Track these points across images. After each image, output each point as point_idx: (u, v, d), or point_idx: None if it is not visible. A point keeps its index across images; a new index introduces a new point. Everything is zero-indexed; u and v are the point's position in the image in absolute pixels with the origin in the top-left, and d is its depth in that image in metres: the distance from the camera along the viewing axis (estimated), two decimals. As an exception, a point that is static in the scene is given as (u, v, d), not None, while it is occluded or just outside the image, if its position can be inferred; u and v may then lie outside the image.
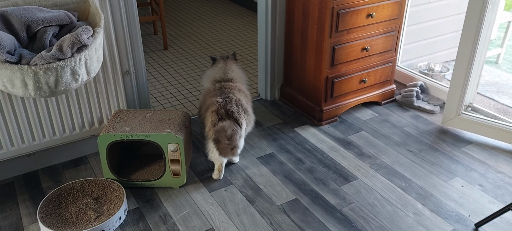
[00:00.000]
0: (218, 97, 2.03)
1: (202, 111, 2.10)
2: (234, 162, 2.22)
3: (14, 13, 1.67)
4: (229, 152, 1.93)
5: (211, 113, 1.97)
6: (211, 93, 2.10)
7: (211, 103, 2.01)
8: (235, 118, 1.95)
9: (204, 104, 2.09)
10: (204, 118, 2.06)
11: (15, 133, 2.02)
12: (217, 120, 1.94)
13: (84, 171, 2.19)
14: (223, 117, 1.94)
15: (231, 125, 1.91)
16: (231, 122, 1.93)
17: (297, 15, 2.48)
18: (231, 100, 2.00)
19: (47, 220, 1.79)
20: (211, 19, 4.49)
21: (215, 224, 1.85)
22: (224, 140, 1.89)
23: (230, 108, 1.96)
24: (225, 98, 2.01)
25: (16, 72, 1.55)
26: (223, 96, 2.03)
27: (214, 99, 2.02)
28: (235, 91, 2.10)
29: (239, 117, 1.96)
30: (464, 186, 2.06)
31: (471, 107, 2.54)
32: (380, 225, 1.83)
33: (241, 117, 1.98)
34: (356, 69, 2.51)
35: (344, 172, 2.16)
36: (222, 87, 2.11)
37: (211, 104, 2.01)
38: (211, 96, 2.07)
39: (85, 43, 1.61)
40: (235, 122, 1.94)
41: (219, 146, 1.91)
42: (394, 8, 2.45)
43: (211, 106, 2.00)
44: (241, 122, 1.96)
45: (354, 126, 2.55)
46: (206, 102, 2.07)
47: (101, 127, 2.23)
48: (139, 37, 2.18)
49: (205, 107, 2.07)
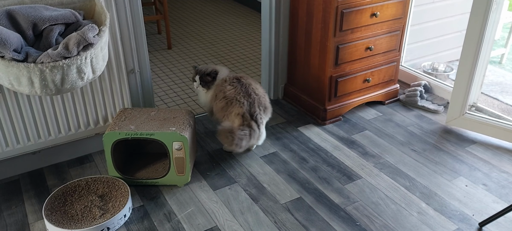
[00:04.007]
0: (240, 95, 2.15)
1: (219, 102, 2.18)
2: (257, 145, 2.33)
3: (21, 11, 1.69)
4: (233, 146, 2.09)
5: (237, 115, 2.14)
6: (229, 85, 2.19)
7: (236, 102, 2.14)
8: (258, 124, 2.16)
9: (224, 96, 2.17)
10: (225, 111, 2.16)
11: (21, 131, 2.04)
12: (242, 123, 2.12)
13: (89, 169, 2.20)
14: (248, 121, 2.13)
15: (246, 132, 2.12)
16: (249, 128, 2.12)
17: (301, 15, 2.49)
18: (254, 101, 2.17)
19: (53, 218, 1.80)
20: (215, 19, 4.50)
21: (219, 222, 1.86)
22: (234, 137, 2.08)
23: (255, 113, 2.16)
24: (248, 100, 2.16)
25: (22, 70, 1.56)
26: (245, 95, 2.16)
27: (237, 97, 2.15)
28: (252, 82, 2.24)
29: (261, 122, 2.19)
30: (468, 185, 2.06)
31: (475, 107, 2.54)
32: (384, 224, 1.84)
33: (263, 120, 2.21)
34: (360, 69, 2.51)
35: (348, 171, 2.16)
36: (240, 79, 2.22)
37: (236, 103, 2.14)
38: (231, 89, 2.17)
39: (91, 41, 1.62)
40: (256, 125, 2.15)
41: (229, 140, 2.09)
42: (398, 7, 2.45)
43: (236, 106, 2.13)
44: (262, 124, 2.20)
45: (358, 125, 2.55)
46: (226, 94, 2.17)
47: (106, 125, 2.24)
48: (144, 36, 2.19)
49: (225, 100, 2.16)
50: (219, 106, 2.20)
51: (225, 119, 2.18)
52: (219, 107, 2.20)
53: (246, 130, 2.10)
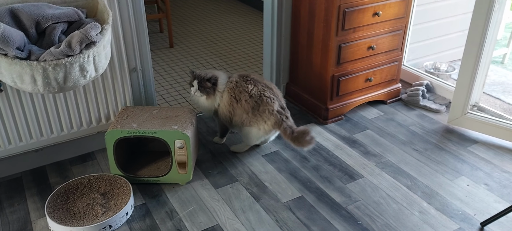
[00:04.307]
0: (266, 91, 2.14)
1: (245, 103, 2.12)
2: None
3: (24, 9, 1.69)
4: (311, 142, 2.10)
5: (271, 113, 2.13)
6: (248, 84, 2.13)
7: (265, 99, 2.12)
8: (288, 115, 2.19)
9: (250, 96, 2.12)
10: (255, 111, 2.12)
11: (24, 128, 2.05)
12: (279, 119, 2.13)
13: (91, 167, 2.20)
14: (284, 114, 2.15)
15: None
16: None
17: (303, 14, 2.49)
18: (276, 95, 2.18)
19: (55, 215, 1.81)
20: (217, 18, 4.51)
21: (221, 221, 1.86)
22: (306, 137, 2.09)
23: (283, 105, 2.19)
24: (273, 94, 2.16)
25: (25, 68, 1.57)
26: (268, 90, 2.16)
27: (265, 94, 2.13)
28: (257, 76, 2.21)
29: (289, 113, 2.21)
30: (470, 185, 2.06)
31: (477, 106, 2.53)
32: (386, 223, 1.84)
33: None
34: (362, 68, 2.51)
35: (350, 170, 2.16)
36: (249, 76, 2.18)
37: (266, 101, 2.12)
38: (254, 87, 2.12)
39: (94, 39, 1.63)
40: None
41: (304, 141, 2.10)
42: (400, 6, 2.45)
43: (268, 104, 2.12)
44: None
45: (360, 125, 2.55)
46: (251, 94, 2.12)
47: (108, 123, 2.25)
48: (146, 34, 2.20)
49: (253, 100, 2.12)
50: (246, 108, 2.12)
51: (255, 119, 2.13)
52: (247, 109, 2.12)
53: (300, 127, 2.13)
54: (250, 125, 2.15)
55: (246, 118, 2.14)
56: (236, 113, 2.16)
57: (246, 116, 2.13)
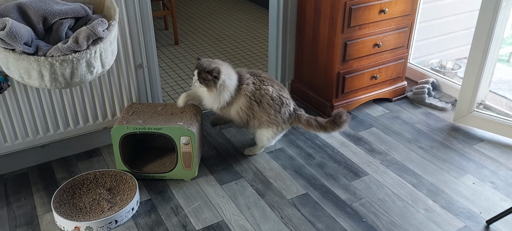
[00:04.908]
0: (282, 92, 2.15)
1: (268, 107, 2.09)
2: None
3: (31, 5, 1.70)
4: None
5: (292, 122, 2.18)
6: (268, 86, 2.10)
7: (285, 100, 2.14)
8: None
9: (271, 98, 2.09)
10: (277, 113, 2.11)
11: (30, 124, 2.06)
12: (298, 118, 2.18)
13: (97, 162, 2.21)
14: (300, 119, 2.18)
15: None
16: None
17: (309, 11, 2.48)
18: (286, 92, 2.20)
19: (61, 210, 1.82)
20: (222, 15, 4.51)
21: (226, 217, 1.87)
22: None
23: (300, 110, 2.22)
24: (286, 94, 2.18)
25: (33, 63, 1.58)
26: (282, 90, 2.16)
27: (284, 95, 2.14)
28: (263, 74, 2.18)
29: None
30: (476, 183, 2.05)
31: (483, 105, 2.52)
32: (391, 220, 1.84)
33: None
34: (367, 65, 2.51)
35: (355, 168, 2.16)
36: (261, 75, 2.15)
37: (286, 102, 2.14)
38: (272, 88, 2.10)
39: (101, 35, 1.64)
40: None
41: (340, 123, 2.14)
42: (406, 4, 2.44)
43: (288, 106, 2.15)
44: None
45: (365, 122, 2.55)
46: (272, 96, 2.10)
47: (114, 119, 2.26)
48: (152, 31, 2.20)
49: (275, 103, 2.10)
50: (268, 111, 2.08)
51: (276, 121, 2.11)
52: (269, 111, 2.08)
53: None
54: (269, 127, 2.13)
55: (267, 120, 2.10)
56: (256, 116, 2.10)
57: (267, 118, 2.10)
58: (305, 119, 2.17)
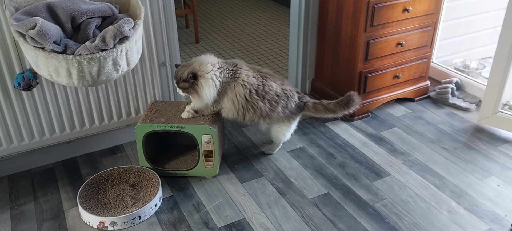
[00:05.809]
0: (284, 85, 2.12)
1: (274, 102, 2.06)
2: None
3: (60, 4, 1.74)
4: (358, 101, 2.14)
5: (301, 111, 2.17)
6: (272, 82, 2.07)
7: (289, 93, 2.11)
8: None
9: (276, 94, 2.06)
10: (285, 108, 2.10)
11: (58, 120, 2.11)
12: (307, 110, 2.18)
13: (121, 159, 2.26)
14: (304, 99, 2.18)
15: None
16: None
17: (331, 10, 2.47)
18: (299, 92, 2.19)
19: (87, 205, 1.86)
20: (242, 13, 4.52)
21: (247, 215, 1.88)
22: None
23: (304, 96, 2.20)
24: (299, 95, 2.17)
25: (61, 61, 1.62)
26: (284, 83, 2.14)
27: (288, 88, 2.12)
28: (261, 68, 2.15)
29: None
30: (500, 185, 2.01)
31: (508, 106, 2.47)
32: (414, 222, 1.82)
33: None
34: (390, 65, 2.48)
35: (376, 168, 2.15)
36: (261, 70, 2.13)
37: (290, 94, 2.12)
38: (274, 83, 2.08)
39: (127, 34, 1.66)
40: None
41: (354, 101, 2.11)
42: (431, 2, 2.41)
43: (294, 97, 2.13)
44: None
45: (387, 122, 2.53)
46: (277, 91, 2.07)
47: (137, 117, 2.30)
48: (175, 29, 2.23)
49: (280, 98, 2.08)
50: (277, 108, 2.07)
51: (286, 116, 2.11)
52: (278, 109, 2.07)
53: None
54: (280, 122, 2.12)
55: (276, 117, 2.09)
56: (257, 111, 2.05)
57: (276, 115, 2.08)
58: (312, 105, 2.14)
